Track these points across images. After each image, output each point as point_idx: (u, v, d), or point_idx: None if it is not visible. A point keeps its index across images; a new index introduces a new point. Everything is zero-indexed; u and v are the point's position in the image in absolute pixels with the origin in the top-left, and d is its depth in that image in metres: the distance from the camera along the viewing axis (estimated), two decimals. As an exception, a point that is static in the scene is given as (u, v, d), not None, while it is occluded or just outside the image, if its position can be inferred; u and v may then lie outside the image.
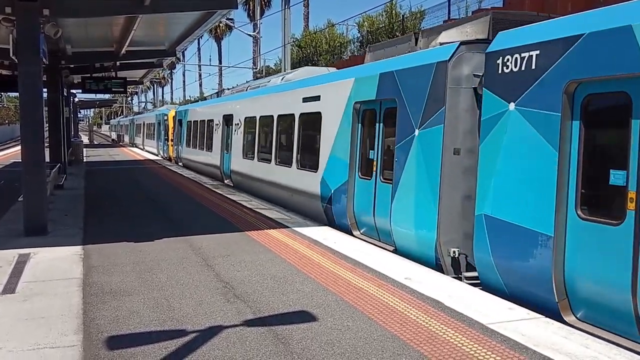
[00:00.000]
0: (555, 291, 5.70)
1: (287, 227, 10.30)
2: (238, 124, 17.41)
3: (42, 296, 6.23)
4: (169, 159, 31.38)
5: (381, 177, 9.15)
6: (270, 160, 14.35)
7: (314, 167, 11.55)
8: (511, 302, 5.95)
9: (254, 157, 15.79)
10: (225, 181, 18.80)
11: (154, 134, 38.43)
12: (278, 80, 16.05)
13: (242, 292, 6.39)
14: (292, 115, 12.97)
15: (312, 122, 11.92)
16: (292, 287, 6.55)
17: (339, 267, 7.42)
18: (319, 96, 11.59)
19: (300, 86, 13.00)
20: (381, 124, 9.32)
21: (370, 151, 9.55)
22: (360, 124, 9.95)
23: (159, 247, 8.69)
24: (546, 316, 5.46)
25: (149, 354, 4.67)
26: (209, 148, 21.07)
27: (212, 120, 21.00)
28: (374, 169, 9.33)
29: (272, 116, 14.37)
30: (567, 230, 5.67)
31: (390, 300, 6.03)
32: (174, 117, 30.59)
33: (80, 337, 5.04)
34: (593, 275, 5.42)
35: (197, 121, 23.58)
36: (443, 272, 7.39)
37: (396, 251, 8.51)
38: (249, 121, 16.44)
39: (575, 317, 5.66)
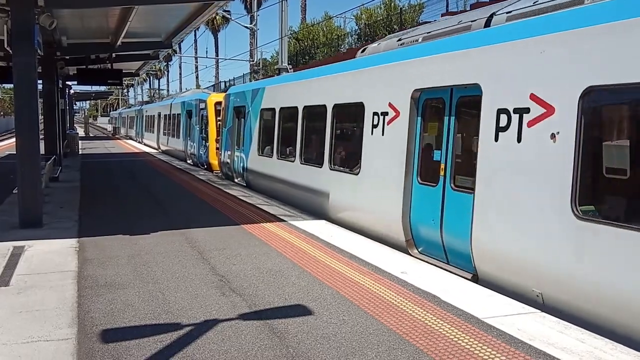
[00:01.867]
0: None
1: (284, 220, 10.28)
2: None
3: (37, 289, 6.20)
4: (205, 166, 22.08)
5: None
6: None
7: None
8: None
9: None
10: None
11: (176, 130, 28.47)
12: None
13: (238, 285, 6.37)
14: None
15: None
16: (288, 281, 6.53)
17: (336, 261, 7.41)
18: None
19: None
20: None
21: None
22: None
23: (155, 240, 8.66)
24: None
25: (143, 347, 4.65)
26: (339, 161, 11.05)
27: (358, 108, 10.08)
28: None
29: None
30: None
31: (386, 294, 6.02)
32: (218, 103, 21.03)
33: (75, 330, 5.01)
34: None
35: (304, 110, 12.34)
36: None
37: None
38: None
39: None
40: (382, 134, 9.01)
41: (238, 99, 17.18)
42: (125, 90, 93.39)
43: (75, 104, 66.92)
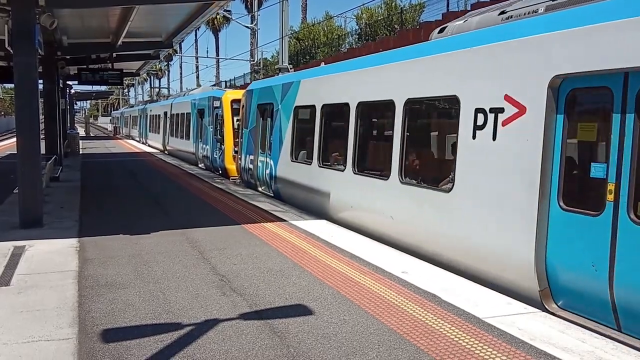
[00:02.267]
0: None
1: (284, 220, 10.28)
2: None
3: (37, 289, 6.20)
4: (220, 171, 19.55)
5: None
6: None
7: None
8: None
9: None
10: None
11: (185, 131, 25.62)
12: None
13: (238, 285, 6.37)
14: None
15: None
16: (288, 281, 6.53)
17: (336, 261, 7.41)
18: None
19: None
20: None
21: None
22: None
23: (155, 240, 8.66)
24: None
25: (144, 347, 4.65)
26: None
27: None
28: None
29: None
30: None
31: (387, 294, 6.02)
32: (236, 101, 18.45)
33: (76, 330, 5.01)
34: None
35: (358, 107, 9.91)
36: None
37: None
38: None
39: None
40: (493, 139, 6.62)
41: (263, 95, 14.39)
42: (125, 90, 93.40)
43: (76, 104, 66.98)
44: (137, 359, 4.45)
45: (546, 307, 5.85)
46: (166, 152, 30.66)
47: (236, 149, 17.43)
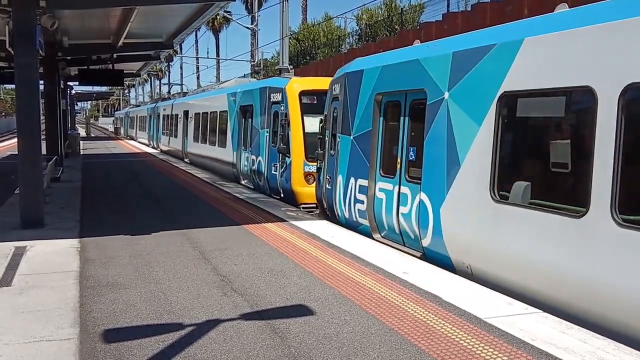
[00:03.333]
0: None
1: (285, 220, 10.28)
2: None
3: (39, 289, 6.21)
4: (281, 195, 13.73)
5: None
6: None
7: None
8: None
9: None
10: None
11: (218, 135, 19.62)
12: None
13: (240, 285, 6.37)
14: None
15: None
16: (289, 281, 6.53)
17: (337, 261, 7.41)
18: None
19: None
20: None
21: None
22: None
23: (156, 240, 8.66)
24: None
25: (145, 347, 4.65)
26: None
27: None
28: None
29: None
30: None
31: (388, 295, 6.02)
32: (309, 94, 13.46)
33: (77, 330, 5.02)
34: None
35: None
36: None
37: None
38: None
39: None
40: None
41: (394, 77, 8.79)
42: (126, 91, 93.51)
43: (77, 105, 67.01)
44: (139, 359, 4.45)
45: None
46: (187, 160, 24.79)
47: (310, 163, 12.75)
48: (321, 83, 13.44)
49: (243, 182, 16.59)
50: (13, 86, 18.99)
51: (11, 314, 5.41)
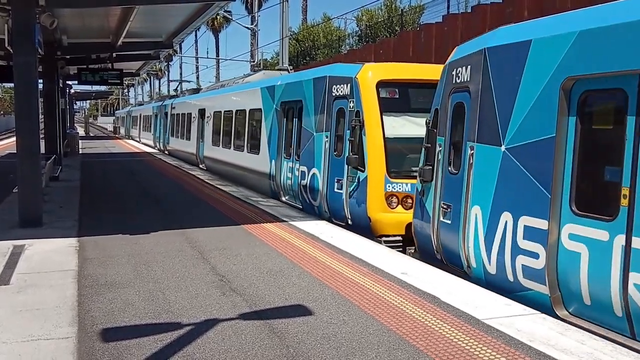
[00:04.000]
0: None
1: (284, 221, 10.28)
2: None
3: (37, 288, 6.20)
4: (349, 221, 10.09)
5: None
6: None
7: None
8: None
9: None
10: None
11: (247, 139, 16.07)
12: None
13: (238, 285, 6.37)
14: None
15: None
16: (288, 281, 6.53)
17: (336, 262, 7.41)
18: None
19: None
20: None
21: None
22: None
23: (155, 240, 8.66)
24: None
25: (143, 347, 4.65)
26: None
27: None
28: None
29: None
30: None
31: (386, 295, 6.02)
32: (385, 85, 9.90)
33: (75, 329, 5.01)
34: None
35: None
36: None
37: None
38: None
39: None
40: None
41: (608, 50, 5.22)
42: (125, 90, 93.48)
43: (76, 104, 66.92)
44: (137, 358, 4.45)
45: None
46: (202, 165, 21.45)
47: (395, 180, 9.62)
48: (406, 70, 10.46)
49: (284, 199, 12.89)
50: (12, 85, 18.94)
51: (9, 313, 5.41)
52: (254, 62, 39.48)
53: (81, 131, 53.81)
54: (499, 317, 5.34)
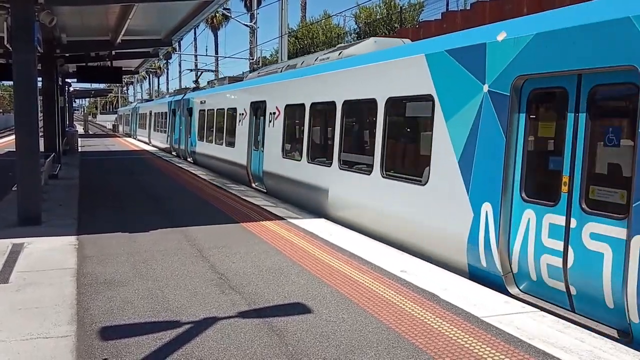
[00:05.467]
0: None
1: (283, 219, 10.27)
2: None
3: (36, 286, 6.20)
4: None
5: None
6: None
7: None
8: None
9: None
10: None
11: (342, 143, 10.19)
12: None
13: (237, 283, 6.37)
14: None
15: None
16: (287, 279, 6.53)
17: (335, 260, 7.40)
18: None
19: None
20: None
21: None
22: None
23: (154, 238, 8.65)
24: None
25: (142, 345, 4.64)
26: None
27: None
28: None
29: None
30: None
31: (385, 293, 6.02)
32: None
33: (74, 328, 5.01)
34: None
35: None
36: None
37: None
38: None
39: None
40: None
41: None
42: (124, 88, 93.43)
43: (75, 102, 66.89)
44: (136, 356, 4.44)
45: None
46: (258, 184, 14.92)
47: None
48: None
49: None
50: (11, 83, 18.92)
51: (8, 311, 5.40)
52: (253, 59, 39.43)
53: (80, 129, 53.74)
54: (498, 314, 5.34)
